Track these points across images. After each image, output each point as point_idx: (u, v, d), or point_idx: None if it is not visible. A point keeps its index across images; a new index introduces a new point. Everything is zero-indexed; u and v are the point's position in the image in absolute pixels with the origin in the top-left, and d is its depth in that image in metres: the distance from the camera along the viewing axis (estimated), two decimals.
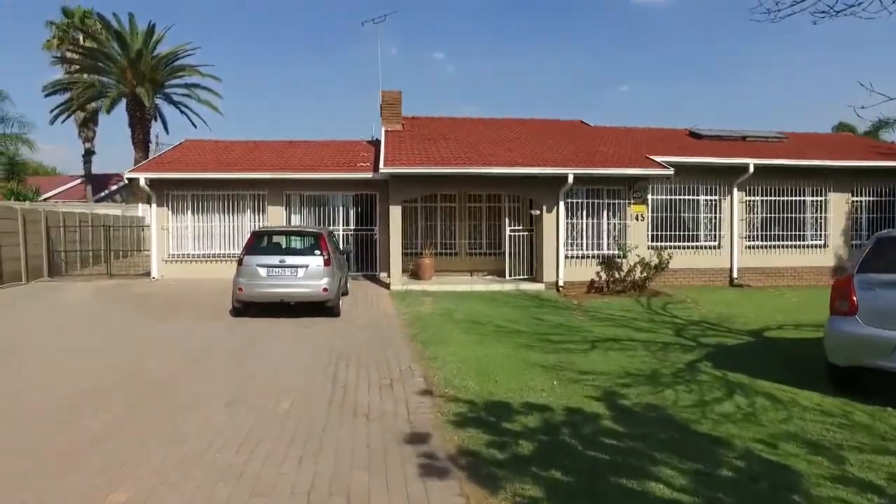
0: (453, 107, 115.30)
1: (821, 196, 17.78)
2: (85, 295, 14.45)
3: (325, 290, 10.90)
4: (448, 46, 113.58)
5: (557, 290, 15.60)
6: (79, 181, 36.39)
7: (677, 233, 16.75)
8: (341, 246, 17.02)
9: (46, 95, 30.35)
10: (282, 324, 10.66)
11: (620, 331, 10.51)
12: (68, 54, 32.01)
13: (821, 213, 17.83)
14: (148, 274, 16.91)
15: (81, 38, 32.37)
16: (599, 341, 9.54)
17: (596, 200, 15.97)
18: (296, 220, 17.19)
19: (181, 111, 32.23)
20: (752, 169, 16.41)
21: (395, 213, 15.18)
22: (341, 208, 17.38)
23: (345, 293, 13.94)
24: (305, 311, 11.31)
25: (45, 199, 31.57)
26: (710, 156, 16.79)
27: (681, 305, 13.55)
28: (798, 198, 17.64)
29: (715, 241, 17.11)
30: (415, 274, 16.36)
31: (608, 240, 16.15)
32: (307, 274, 10.90)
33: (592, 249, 16.00)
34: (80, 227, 20.16)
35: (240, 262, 11.04)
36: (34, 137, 31.58)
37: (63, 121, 31.42)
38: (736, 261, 17.07)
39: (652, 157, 16.13)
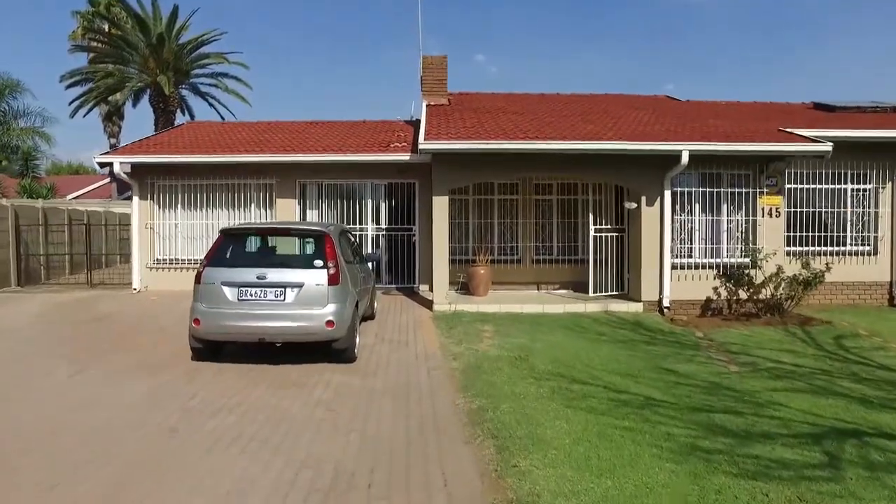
0: None
1: None
2: (26, 314, 10.34)
3: (329, 323, 6.48)
4: (489, 48, 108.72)
5: (661, 311, 10.87)
6: (107, 180, 33.11)
7: (819, 234, 11.76)
8: (369, 249, 12.59)
9: (67, 87, 26.95)
10: (256, 384, 6.16)
11: (834, 403, 5.74)
12: (91, 44, 28.65)
13: None
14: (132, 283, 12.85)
15: (107, 27, 28.99)
16: (826, 434, 4.84)
17: (712, 189, 11.13)
18: (312, 215, 12.87)
19: (209, 103, 28.49)
20: None
21: (440, 206, 10.70)
22: (370, 202, 12.98)
23: (370, 317, 9.50)
24: (301, 355, 6.93)
25: (72, 199, 28.38)
26: (857, 128, 11.74)
27: (862, 341, 8.67)
28: None
29: (868, 244, 12.05)
30: (465, 287, 11.84)
31: (729, 243, 11.30)
32: (301, 298, 6.48)
33: (708, 257, 11.18)
34: (72, 227, 16.31)
35: (197, 279, 6.71)
36: (58, 133, 28.35)
37: (85, 114, 27.94)
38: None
39: (789, 130, 11.24)
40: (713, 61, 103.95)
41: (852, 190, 11.86)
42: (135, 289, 12.44)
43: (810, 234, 11.56)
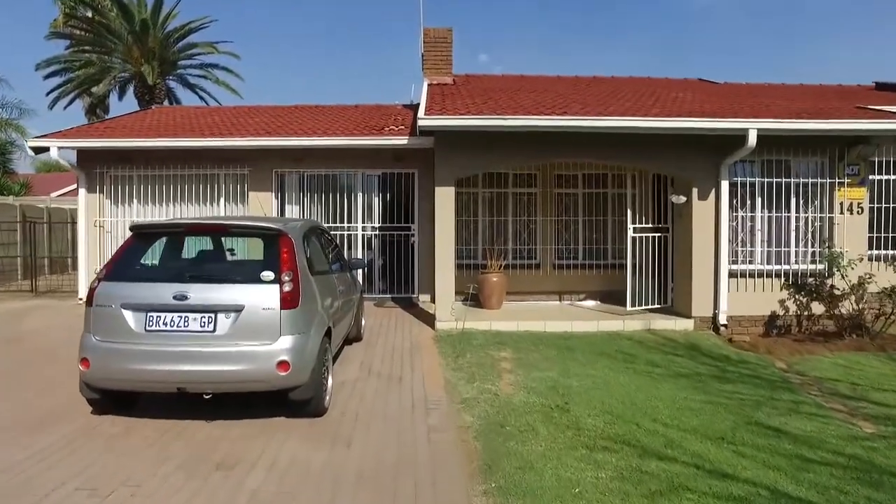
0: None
1: None
2: None
3: (283, 365, 4.24)
4: (493, 48, 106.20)
5: (715, 329, 8.63)
6: None
7: (885, 235, 9.49)
8: (359, 252, 10.37)
9: (45, 77, 24.82)
10: (166, 460, 3.97)
11: None
12: (73, 32, 26.51)
13: None
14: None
15: (91, 14, 26.85)
16: None
17: (779, 180, 8.90)
18: (292, 211, 10.66)
19: (199, 96, 26.34)
20: None
21: (445, 200, 8.49)
22: (361, 196, 10.75)
23: (355, 338, 7.30)
24: (251, 402, 4.78)
25: (58, 196, 26.28)
26: None
27: None
28: None
29: None
30: (474, 298, 9.62)
31: (798, 246, 9.05)
32: (241, 328, 4.25)
33: (772, 262, 8.94)
34: (28, 225, 14.10)
35: (89, 299, 4.48)
36: (41, 127, 26.04)
37: (65, 106, 25.82)
38: None
39: (873, 107, 9.02)
40: (718, 60, 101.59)
41: None
42: (80, 298, 10.25)
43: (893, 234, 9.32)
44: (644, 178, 9.68)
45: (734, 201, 8.71)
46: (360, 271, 9.07)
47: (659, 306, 9.26)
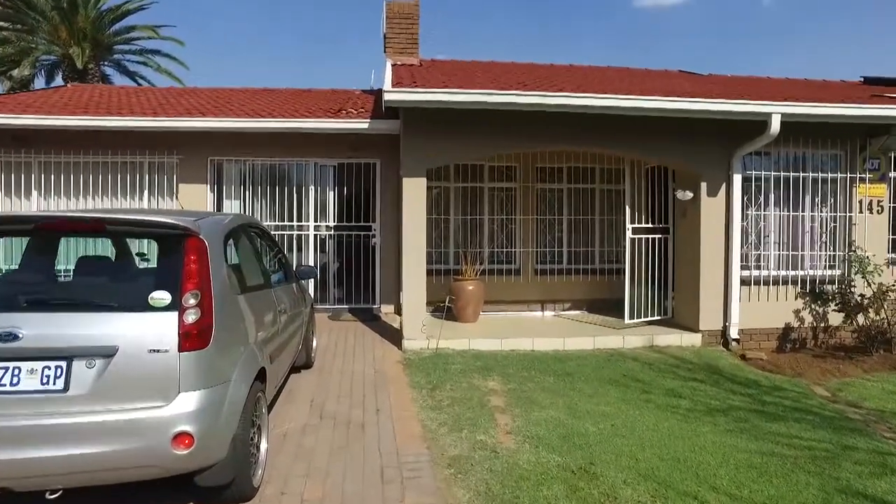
0: None
1: None
2: None
3: (182, 439, 2.65)
4: (455, 48, 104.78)
5: (726, 345, 7.43)
6: None
7: None
8: (310, 255, 8.80)
9: None
10: None
11: None
12: None
13: None
14: None
15: None
16: None
17: (796, 174, 7.75)
18: (232, 207, 8.95)
19: (138, 84, 23.96)
20: None
21: (414, 194, 6.98)
22: (314, 190, 9.12)
23: (304, 366, 5.72)
24: (129, 493, 3.18)
25: None
26: None
27: None
28: None
29: None
30: (444, 309, 8.13)
31: (813, 248, 7.93)
32: (110, 383, 2.64)
33: (785, 268, 7.80)
34: None
35: None
36: None
37: None
38: None
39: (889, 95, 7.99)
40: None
41: None
42: None
43: None
44: (638, 171, 8.41)
45: (744, 198, 7.52)
46: (311, 281, 7.50)
47: (659, 318, 7.99)
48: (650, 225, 7.96)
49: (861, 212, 7.76)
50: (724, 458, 4.03)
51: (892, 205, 7.99)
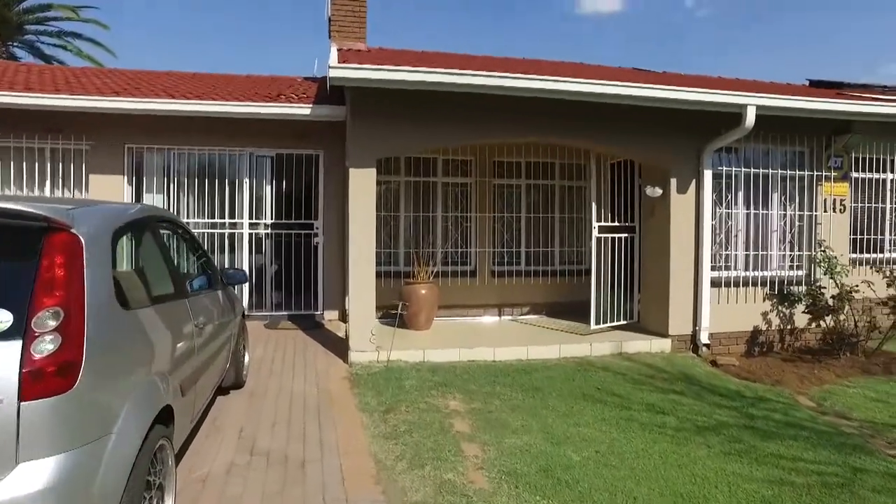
0: None
1: None
2: None
3: None
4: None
5: (695, 350, 6.97)
6: None
7: (867, 237, 8.36)
8: (245, 256, 7.85)
9: None
10: None
11: None
12: None
13: None
14: None
15: None
16: None
17: (766, 171, 7.36)
18: (154, 200, 7.82)
19: None
20: None
21: (362, 187, 6.15)
22: (248, 183, 8.12)
23: (234, 385, 4.82)
24: None
25: None
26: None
27: None
28: None
29: None
30: (394, 315, 7.32)
31: (781, 248, 7.60)
32: None
33: (753, 268, 7.42)
34: None
35: None
36: None
37: None
38: None
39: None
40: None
41: (893, 180, 8.53)
42: None
43: (871, 236, 8.14)
44: (601, 166, 7.87)
45: (714, 196, 7.09)
46: (244, 286, 6.55)
47: (625, 322, 7.46)
48: (616, 223, 7.43)
49: (826, 211, 7.49)
50: (732, 491, 3.44)
51: (853, 204, 7.78)
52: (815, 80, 12.13)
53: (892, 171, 8.11)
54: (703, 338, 6.89)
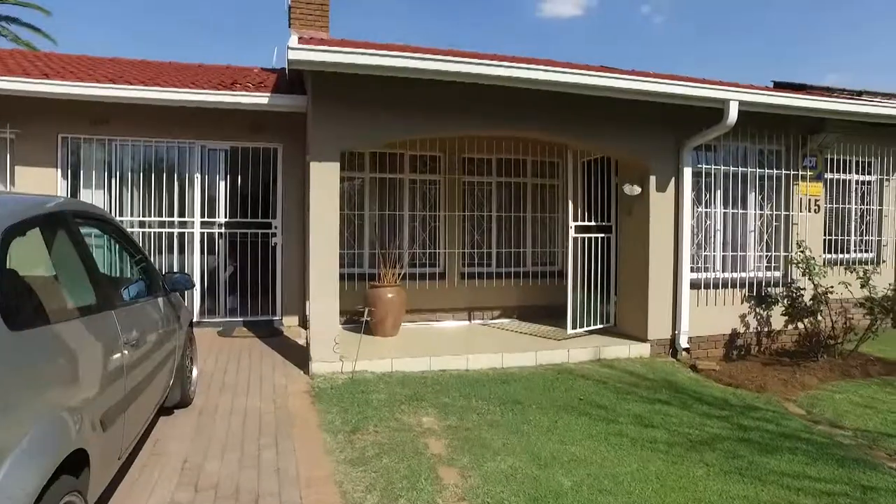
0: None
1: None
2: None
3: None
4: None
5: (674, 354, 6.70)
6: None
7: (838, 238, 8.28)
8: (195, 257, 7.24)
9: None
10: None
11: None
12: None
13: None
14: None
15: None
16: None
17: (739, 169, 7.16)
18: (93, 196, 7.08)
19: None
20: None
21: (325, 181, 5.62)
22: (201, 179, 7.48)
23: (180, 404, 4.24)
24: None
25: None
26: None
27: None
28: None
29: (870, 250, 8.81)
30: (357, 320, 6.79)
31: (758, 249, 7.41)
32: None
33: (732, 269, 7.20)
34: None
35: None
36: None
37: None
38: None
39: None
40: None
41: (856, 181, 8.46)
42: None
43: (840, 237, 8.06)
44: (577, 163, 7.54)
45: (694, 194, 6.83)
46: (193, 292, 5.93)
47: (601, 326, 7.13)
48: (592, 223, 7.10)
49: (801, 211, 7.34)
50: None
51: (826, 205, 7.67)
52: (778, 82, 12.13)
53: (856, 173, 8.06)
54: (683, 342, 6.61)
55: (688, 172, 6.58)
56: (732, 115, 5.96)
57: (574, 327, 6.84)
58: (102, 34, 48.13)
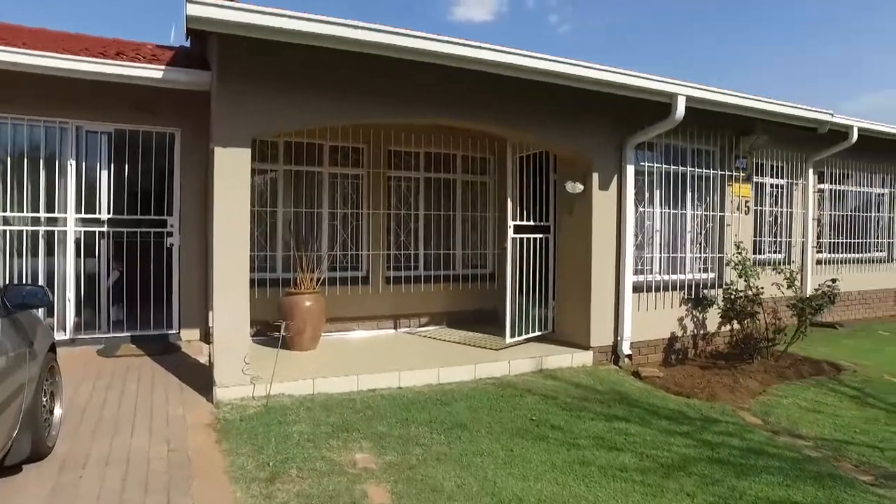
0: None
1: (888, 188, 10.71)
2: None
3: None
4: None
5: (616, 362, 6.32)
6: None
7: (760, 239, 8.36)
8: (66, 260, 6.00)
9: None
10: None
11: None
12: None
13: (888, 212, 10.79)
14: None
15: None
16: None
17: (679, 168, 6.89)
18: None
19: None
20: (854, 136, 8.54)
21: (231, 170, 4.67)
22: (76, 166, 6.20)
23: (33, 457, 3.18)
24: None
25: None
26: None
27: None
28: (865, 189, 10.34)
29: (782, 251, 9.02)
30: (267, 333, 5.84)
31: (694, 251, 7.21)
32: None
33: (672, 272, 6.94)
34: None
35: None
36: None
37: None
38: (809, 284, 9.13)
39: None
40: None
41: (770, 185, 8.61)
42: None
43: (765, 238, 8.11)
44: (504, 157, 7.01)
45: (636, 194, 6.49)
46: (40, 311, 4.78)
47: (539, 333, 6.63)
48: (532, 223, 6.59)
49: (734, 212, 7.24)
50: None
51: (756, 207, 7.65)
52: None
53: (770, 176, 8.14)
54: (625, 348, 6.25)
55: (631, 170, 6.22)
56: (680, 110, 5.65)
57: (513, 335, 6.29)
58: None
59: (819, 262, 9.07)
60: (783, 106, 6.66)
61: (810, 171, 8.66)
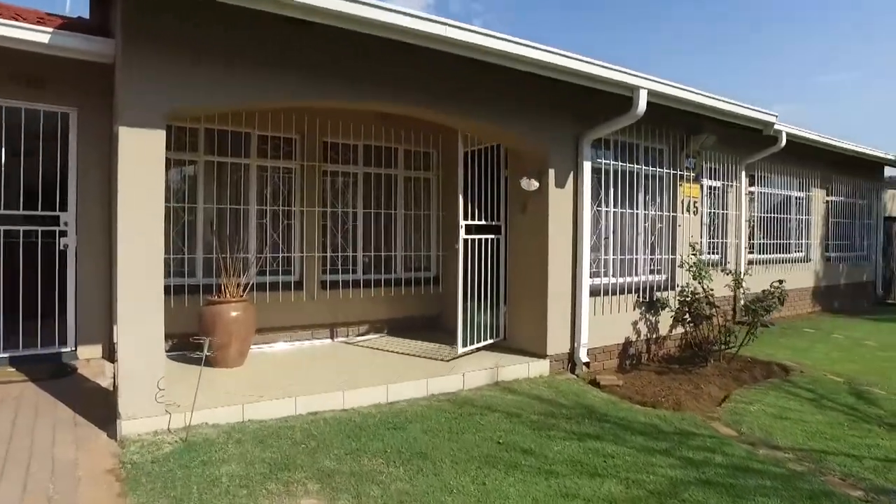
0: None
1: (804, 192, 11.13)
2: None
3: None
4: None
5: (573, 370, 5.93)
6: None
7: (703, 240, 8.30)
8: None
9: None
10: None
11: None
12: None
13: (804, 214, 11.21)
14: None
15: None
16: None
17: (628, 165, 6.61)
18: None
19: None
20: (783, 140, 8.72)
21: (142, 157, 3.86)
22: None
23: None
24: None
25: None
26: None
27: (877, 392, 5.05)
28: (786, 192, 10.68)
29: (719, 252, 9.07)
30: (197, 347, 5.02)
31: (646, 251, 6.95)
32: None
33: (627, 274, 6.63)
34: None
35: None
36: None
37: None
38: (744, 285, 9.19)
39: None
40: None
41: (708, 187, 8.65)
42: None
43: (718, 239, 8.05)
44: (449, 152, 6.48)
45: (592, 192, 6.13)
46: None
47: (492, 340, 6.15)
48: (483, 222, 6.09)
49: (684, 212, 7.08)
50: None
51: (706, 209, 7.56)
52: None
53: (708, 178, 8.09)
54: (583, 355, 5.87)
55: (587, 167, 5.85)
56: (642, 105, 5.32)
57: (465, 345, 5.75)
58: None
59: (750, 262, 9.17)
60: (739, 106, 6.55)
61: (743, 173, 8.73)
